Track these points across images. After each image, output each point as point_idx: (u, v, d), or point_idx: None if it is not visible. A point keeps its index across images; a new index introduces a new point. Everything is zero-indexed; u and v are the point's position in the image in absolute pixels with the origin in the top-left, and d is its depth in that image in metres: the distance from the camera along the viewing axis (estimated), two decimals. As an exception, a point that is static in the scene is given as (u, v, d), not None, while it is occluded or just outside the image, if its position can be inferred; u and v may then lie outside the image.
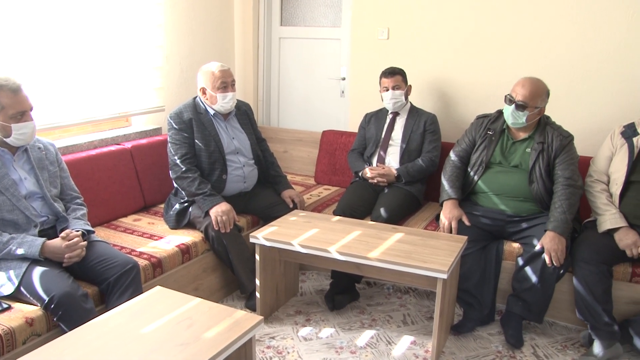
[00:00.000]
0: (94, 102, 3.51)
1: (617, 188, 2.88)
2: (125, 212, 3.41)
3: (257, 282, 2.98)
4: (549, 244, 2.78)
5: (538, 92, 2.95)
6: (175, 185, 3.30)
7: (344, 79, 4.54)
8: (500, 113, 3.13)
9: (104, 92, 3.58)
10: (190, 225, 3.23)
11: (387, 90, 3.62)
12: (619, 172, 2.89)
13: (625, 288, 2.85)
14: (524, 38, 3.67)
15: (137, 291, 2.47)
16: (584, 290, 2.75)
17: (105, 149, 3.40)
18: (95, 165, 3.25)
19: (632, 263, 2.84)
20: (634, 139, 2.87)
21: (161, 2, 3.88)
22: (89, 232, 2.60)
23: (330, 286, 3.31)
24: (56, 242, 2.42)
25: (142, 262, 2.74)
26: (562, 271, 2.84)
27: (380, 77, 3.68)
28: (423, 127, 3.63)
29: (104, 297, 2.50)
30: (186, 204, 3.23)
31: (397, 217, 3.33)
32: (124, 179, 3.40)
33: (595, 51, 3.49)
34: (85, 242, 2.50)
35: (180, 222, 3.23)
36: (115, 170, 3.35)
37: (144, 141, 3.67)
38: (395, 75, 3.63)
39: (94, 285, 2.50)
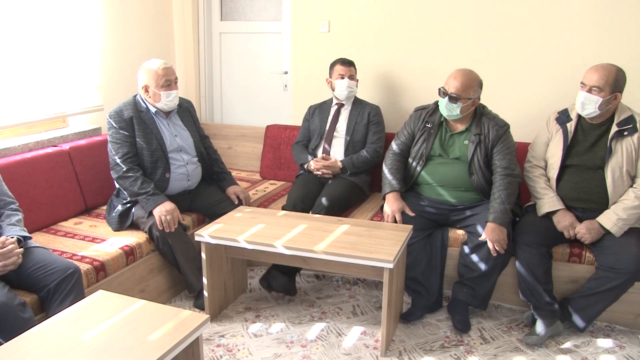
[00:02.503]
0: (27, 102, 3.37)
1: (554, 172, 2.97)
2: (65, 215, 3.30)
3: (205, 280, 2.95)
4: (490, 234, 2.86)
5: (470, 84, 2.99)
6: (117, 185, 3.22)
7: (286, 72, 4.52)
8: (437, 105, 3.17)
9: (39, 92, 3.44)
10: (134, 226, 3.16)
11: (343, 78, 3.63)
12: (555, 157, 2.98)
13: (563, 268, 2.95)
14: (462, 29, 3.73)
15: (79, 297, 2.39)
16: (526, 272, 2.84)
17: (41, 152, 3.28)
18: (31, 169, 3.13)
19: (570, 244, 2.95)
20: (568, 125, 2.96)
21: (96, -2, 3.77)
22: (26, 238, 2.50)
23: (267, 269, 3.29)
24: (-11, 250, 2.32)
25: (84, 267, 2.66)
26: (506, 258, 2.93)
27: (335, 65, 3.69)
28: (367, 118, 3.66)
29: (44, 305, 2.41)
30: (129, 205, 3.16)
31: (340, 207, 3.34)
32: (62, 181, 3.29)
33: (530, 41, 3.59)
34: (21, 249, 2.40)
35: (123, 223, 3.16)
36: (53, 173, 3.24)
37: (82, 142, 3.57)
38: (351, 65, 3.67)
39: (33, 293, 2.41)
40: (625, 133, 2.81)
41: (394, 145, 3.29)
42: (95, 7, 3.76)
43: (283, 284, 3.21)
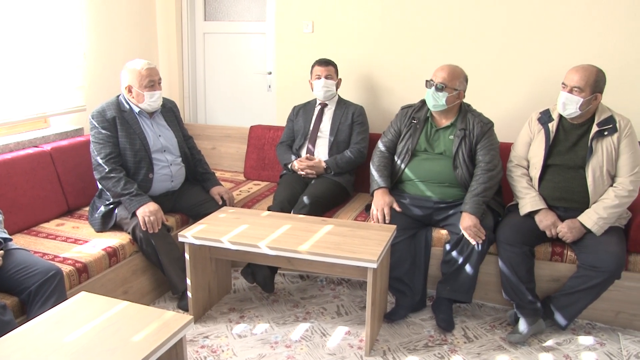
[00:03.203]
0: (8, 102, 3.34)
1: (536, 172, 3.00)
2: (47, 217, 3.27)
3: (188, 281, 2.93)
4: (462, 223, 2.92)
5: (456, 75, 3.06)
6: (99, 186, 3.20)
7: (270, 73, 4.52)
8: (423, 102, 3.21)
9: (20, 92, 3.40)
10: (117, 227, 3.14)
11: (320, 78, 3.64)
12: (537, 157, 3.01)
13: (545, 267, 2.98)
14: (448, 30, 3.76)
15: (61, 299, 2.37)
16: (509, 271, 2.87)
17: (22, 152, 3.24)
18: (12, 170, 3.09)
19: (552, 243, 2.98)
20: (550, 125, 2.99)
21: (78, -3, 3.74)
22: (6, 240, 2.48)
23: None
24: (-31, 253, 2.29)
25: (66, 268, 2.64)
26: (485, 248, 2.95)
27: (313, 66, 3.70)
28: (351, 118, 3.67)
29: (25, 307, 2.39)
30: (112, 206, 3.13)
31: (322, 206, 3.34)
32: (44, 182, 3.26)
33: (512, 43, 3.63)
34: (1, 252, 2.38)
35: (106, 224, 3.13)
36: (34, 174, 3.21)
37: (64, 142, 3.53)
38: (329, 65, 3.67)
39: (14, 296, 2.38)
40: (606, 133, 2.85)
41: (380, 144, 3.30)
42: (77, 7, 3.72)
43: (266, 276, 3.22)
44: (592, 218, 2.80)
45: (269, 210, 3.32)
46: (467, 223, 2.90)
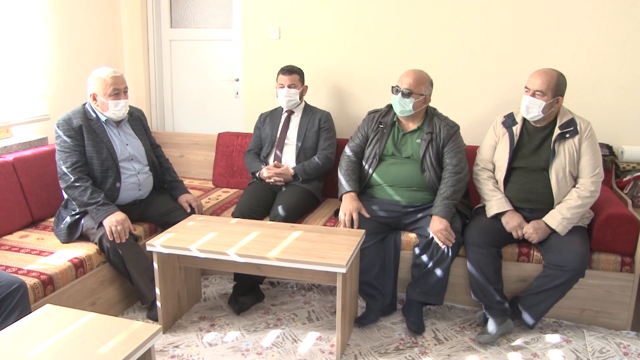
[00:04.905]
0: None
1: (501, 174, 3.05)
2: (10, 229, 3.20)
3: (157, 291, 2.90)
4: (433, 227, 2.94)
5: (421, 80, 3.10)
6: (65, 196, 3.14)
7: (237, 80, 4.50)
8: (390, 107, 3.24)
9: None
10: (84, 238, 3.09)
11: (282, 87, 3.64)
12: (502, 160, 3.06)
13: (513, 267, 3.03)
14: (415, 35, 3.81)
15: (25, 312, 2.31)
16: (477, 272, 2.90)
17: (-17, 163, 3.18)
18: (-28, 181, 3.03)
19: (518, 244, 3.03)
20: (514, 128, 3.05)
21: (41, 3, 3.67)
22: (-33, 253, 2.42)
23: (233, 289, 3.28)
24: None
25: (30, 281, 2.58)
26: (455, 251, 2.98)
27: (278, 74, 3.69)
28: (318, 124, 3.68)
29: (-13, 322, 2.33)
30: (78, 216, 3.08)
31: (295, 215, 3.35)
32: (6, 194, 3.19)
33: (477, 49, 3.70)
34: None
35: (72, 235, 3.08)
36: (-4, 185, 3.14)
37: (28, 152, 3.47)
38: (292, 73, 3.65)
39: (-25, 311, 2.33)
40: (567, 135, 2.91)
41: (347, 149, 3.32)
42: (39, 13, 3.66)
43: (249, 303, 3.21)
44: (557, 218, 2.86)
45: (232, 216, 3.31)
46: (438, 226, 2.93)
